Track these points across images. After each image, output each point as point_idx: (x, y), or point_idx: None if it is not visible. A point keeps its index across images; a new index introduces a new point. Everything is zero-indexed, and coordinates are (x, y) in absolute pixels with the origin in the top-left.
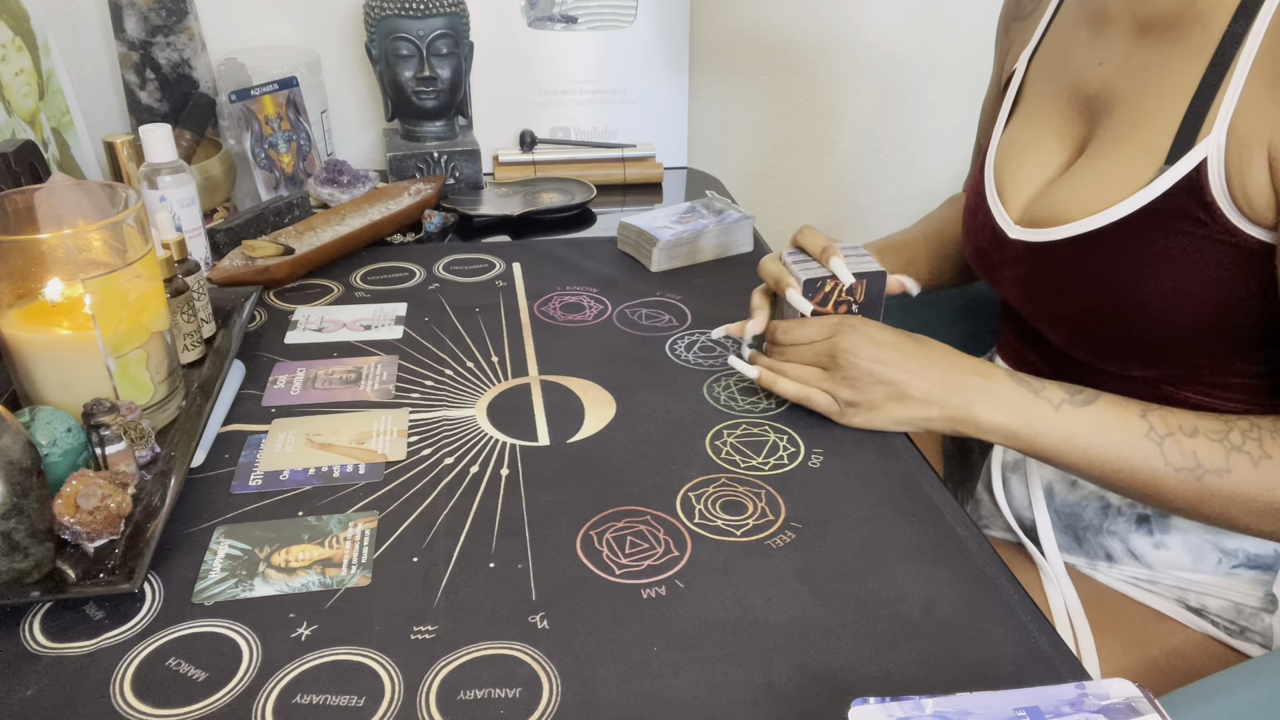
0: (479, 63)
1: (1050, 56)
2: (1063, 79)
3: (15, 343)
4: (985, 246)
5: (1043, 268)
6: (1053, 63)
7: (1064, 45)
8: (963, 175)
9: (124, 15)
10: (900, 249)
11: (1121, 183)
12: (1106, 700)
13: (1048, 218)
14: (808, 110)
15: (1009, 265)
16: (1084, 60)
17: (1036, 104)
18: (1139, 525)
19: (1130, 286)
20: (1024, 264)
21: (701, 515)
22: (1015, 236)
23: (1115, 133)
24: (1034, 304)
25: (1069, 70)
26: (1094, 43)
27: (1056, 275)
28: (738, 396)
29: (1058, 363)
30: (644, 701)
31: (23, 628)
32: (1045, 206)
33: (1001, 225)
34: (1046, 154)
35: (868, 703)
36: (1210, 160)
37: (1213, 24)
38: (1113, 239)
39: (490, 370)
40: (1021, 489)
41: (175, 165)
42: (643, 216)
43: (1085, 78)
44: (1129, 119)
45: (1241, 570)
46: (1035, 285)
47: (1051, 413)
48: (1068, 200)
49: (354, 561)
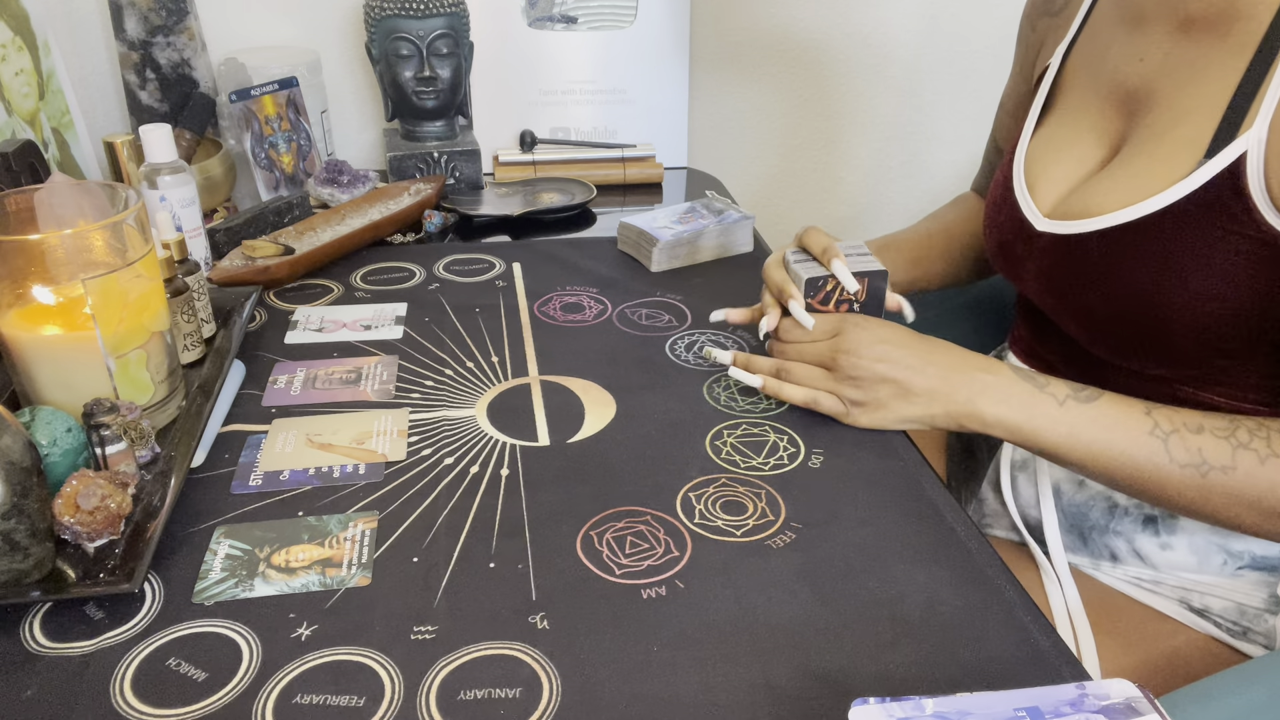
0: (479, 63)
1: (1088, 53)
2: (1101, 76)
3: (15, 343)
4: (1010, 240)
5: (1070, 261)
6: (1090, 59)
7: (1102, 42)
8: (964, 175)
9: (124, 15)
10: (909, 246)
11: (1159, 177)
12: (1106, 700)
13: (1080, 211)
14: (808, 110)
15: (1034, 259)
16: (1123, 57)
17: (1073, 100)
18: (1145, 526)
19: (1159, 282)
20: (1050, 257)
21: (701, 515)
22: (1044, 229)
23: (1154, 130)
24: (1058, 299)
25: (1107, 67)
26: (1133, 39)
27: (1085, 269)
28: (738, 396)
29: (1077, 360)
30: (644, 701)
31: (23, 628)
32: (1079, 201)
33: (1030, 219)
34: (1083, 150)
35: (868, 703)
36: (1250, 154)
37: (1256, 19)
38: (1146, 232)
39: (490, 370)
40: (1029, 488)
41: (175, 165)
42: (643, 216)
43: (1124, 74)
44: (1169, 115)
45: (1246, 571)
46: (1061, 280)
47: (1056, 408)
48: (1103, 195)
49: (354, 561)
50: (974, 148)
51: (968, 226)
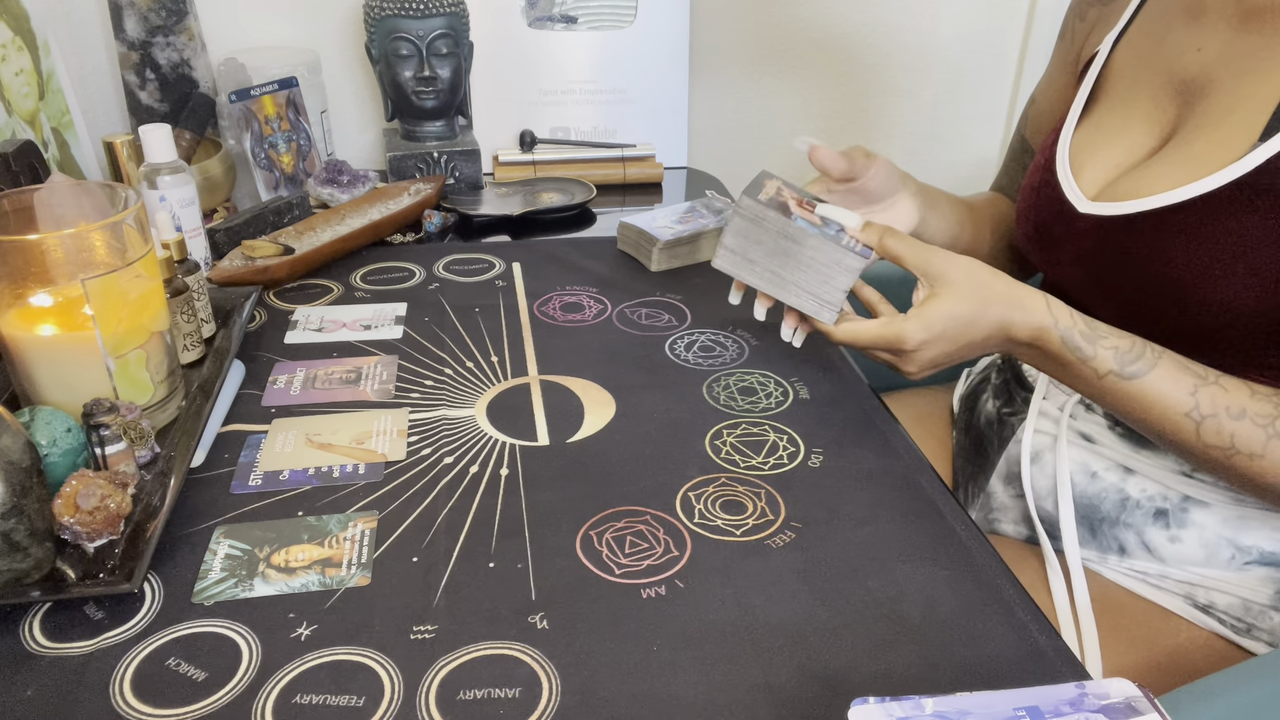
0: (479, 63)
1: (1141, 42)
2: (1156, 64)
3: (15, 343)
4: (1047, 221)
5: (1112, 243)
6: (1144, 48)
7: (1158, 31)
8: (964, 175)
9: (124, 15)
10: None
11: (1211, 161)
12: (1106, 700)
13: (1129, 194)
14: (808, 110)
15: (1073, 240)
16: (1180, 46)
17: (1124, 88)
18: (1156, 519)
19: (1202, 265)
20: (1091, 239)
21: (701, 515)
22: (1087, 210)
23: (1209, 118)
24: (1094, 281)
25: (1163, 56)
26: (1191, 29)
27: (1127, 251)
28: (737, 396)
29: None
30: (644, 701)
31: (23, 628)
32: (1129, 185)
33: (1072, 200)
34: (1133, 138)
35: (868, 702)
36: None
37: None
38: (1194, 214)
39: (490, 370)
40: (1042, 479)
41: (175, 165)
42: (643, 216)
43: (1181, 63)
44: (1225, 103)
45: (1254, 567)
46: (1100, 262)
47: (1094, 380)
48: (1153, 179)
49: (354, 561)
50: (974, 148)
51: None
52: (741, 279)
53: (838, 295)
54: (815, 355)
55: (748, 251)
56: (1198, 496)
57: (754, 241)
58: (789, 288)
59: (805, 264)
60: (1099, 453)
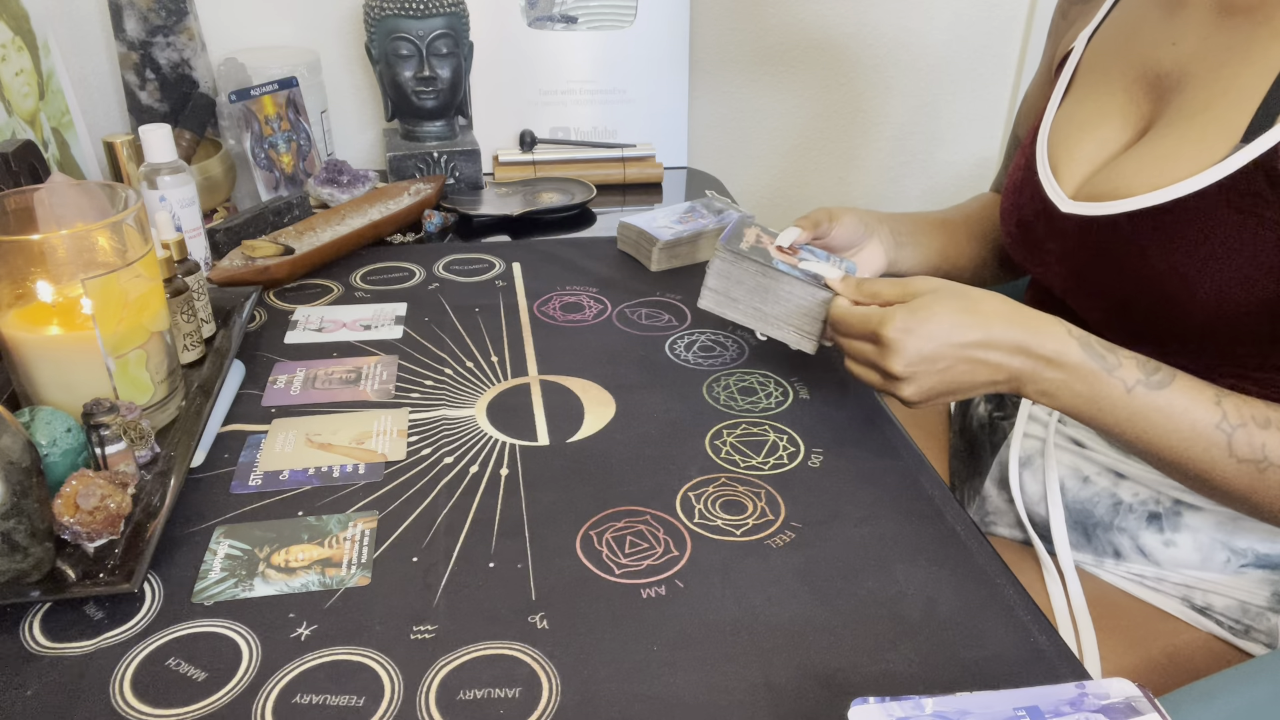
0: (479, 63)
1: (1114, 36)
2: (1129, 58)
3: (15, 343)
4: (1030, 220)
5: (1095, 243)
6: (1117, 42)
7: (1131, 25)
8: (965, 175)
9: (124, 15)
10: (939, 228)
11: (1191, 159)
12: (1106, 700)
13: (1108, 192)
14: (808, 110)
15: (1056, 239)
16: (1154, 40)
17: (1097, 82)
18: (1150, 522)
19: (1186, 266)
20: (1074, 238)
21: (701, 515)
22: (1069, 210)
23: (1186, 111)
24: (1078, 281)
25: (1136, 49)
26: (1167, 23)
27: (1109, 251)
28: (737, 396)
29: None
30: (644, 701)
31: (23, 628)
32: (1106, 181)
33: (1053, 199)
34: (1107, 132)
35: (868, 702)
36: None
37: None
38: (1176, 215)
39: (490, 370)
40: (1034, 484)
41: (175, 165)
42: (643, 216)
43: (1155, 57)
44: (1203, 97)
45: (1250, 569)
46: (1083, 261)
47: (1123, 394)
48: (1131, 176)
49: (354, 561)
50: (974, 149)
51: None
52: (726, 316)
53: (816, 326)
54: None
55: (730, 291)
56: (1189, 500)
57: (735, 282)
58: (771, 322)
59: (783, 299)
60: (1090, 457)
